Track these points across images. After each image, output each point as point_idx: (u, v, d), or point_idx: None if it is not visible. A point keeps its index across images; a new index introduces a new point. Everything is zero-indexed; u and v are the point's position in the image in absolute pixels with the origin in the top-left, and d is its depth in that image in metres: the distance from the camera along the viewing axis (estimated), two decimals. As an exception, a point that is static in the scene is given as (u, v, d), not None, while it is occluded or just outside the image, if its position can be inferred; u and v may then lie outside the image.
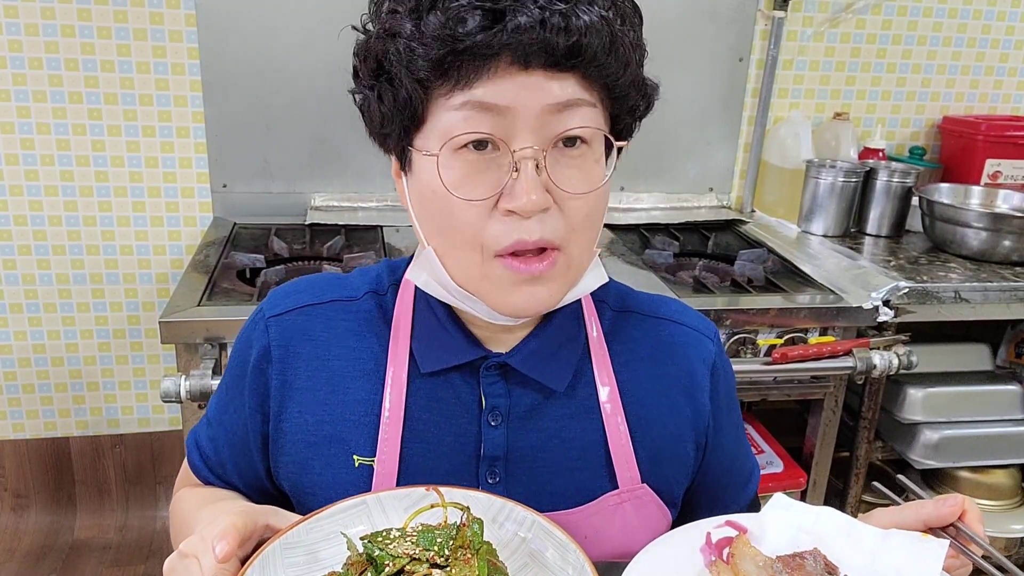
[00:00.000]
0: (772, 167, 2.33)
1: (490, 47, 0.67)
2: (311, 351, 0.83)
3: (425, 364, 0.82)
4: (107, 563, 2.20)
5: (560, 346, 0.84)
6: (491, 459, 0.82)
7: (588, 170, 0.74)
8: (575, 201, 0.73)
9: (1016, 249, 1.98)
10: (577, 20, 0.68)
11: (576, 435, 0.84)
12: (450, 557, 0.66)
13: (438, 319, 0.83)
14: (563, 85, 0.70)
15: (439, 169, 0.71)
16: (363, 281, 0.88)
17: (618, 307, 0.90)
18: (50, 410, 2.24)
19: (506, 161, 0.71)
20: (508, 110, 0.69)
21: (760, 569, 0.69)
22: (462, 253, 0.74)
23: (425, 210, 0.76)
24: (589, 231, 0.77)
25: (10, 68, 1.93)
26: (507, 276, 0.73)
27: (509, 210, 0.71)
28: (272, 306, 0.86)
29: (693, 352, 0.88)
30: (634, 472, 0.84)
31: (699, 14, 2.23)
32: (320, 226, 2.05)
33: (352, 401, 0.82)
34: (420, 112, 0.73)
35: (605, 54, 0.70)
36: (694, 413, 0.87)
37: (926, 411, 1.93)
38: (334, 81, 2.02)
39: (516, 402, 0.83)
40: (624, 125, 0.80)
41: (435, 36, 0.68)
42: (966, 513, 0.73)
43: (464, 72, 0.69)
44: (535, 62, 0.69)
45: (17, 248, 2.07)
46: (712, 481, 0.92)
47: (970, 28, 2.41)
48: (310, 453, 0.83)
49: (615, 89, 0.75)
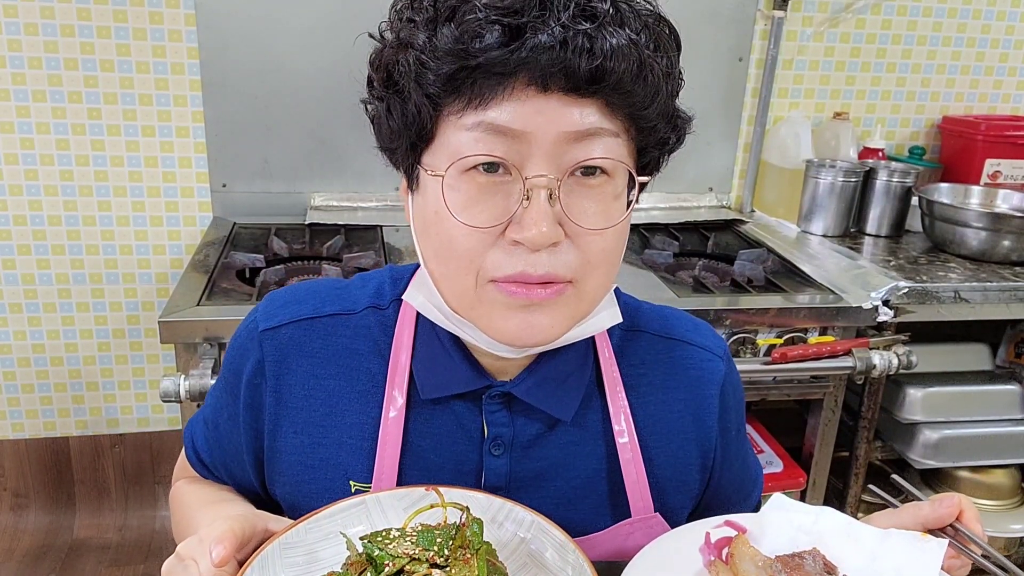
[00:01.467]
0: (772, 167, 2.33)
1: (506, 65, 0.63)
2: (307, 368, 0.80)
3: (426, 391, 0.78)
4: (106, 563, 2.20)
5: (568, 375, 0.80)
6: (492, 488, 0.79)
7: (606, 204, 0.69)
8: (590, 236, 0.68)
9: (1015, 249, 1.98)
10: (603, 43, 0.63)
11: (581, 463, 0.81)
12: (450, 557, 0.66)
13: (441, 343, 0.78)
14: (584, 112, 0.65)
15: (443, 190, 0.67)
16: (364, 293, 0.83)
17: (627, 325, 0.85)
18: (49, 410, 2.24)
19: (517, 188, 0.66)
20: (523, 135, 0.65)
21: (759, 569, 0.69)
22: (457, 278, 0.70)
23: (426, 231, 0.72)
24: (606, 267, 0.71)
25: (9, 68, 1.93)
26: (501, 300, 0.69)
27: (516, 240, 0.66)
28: (267, 317, 0.82)
29: (704, 375, 0.85)
30: (647, 501, 0.81)
31: (699, 14, 2.23)
32: (320, 226, 2.04)
33: (348, 424, 0.79)
34: (429, 129, 0.69)
35: (631, 81, 0.65)
36: (701, 437, 0.85)
37: (926, 411, 1.93)
38: (334, 81, 2.03)
39: (520, 432, 0.80)
40: (650, 159, 0.74)
41: (448, 50, 0.64)
42: (963, 513, 0.73)
43: (477, 90, 0.65)
44: (554, 85, 0.64)
45: (17, 248, 2.07)
46: (719, 497, 0.91)
47: (970, 28, 2.41)
48: (306, 476, 0.80)
49: (641, 120, 0.69)
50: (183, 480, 0.93)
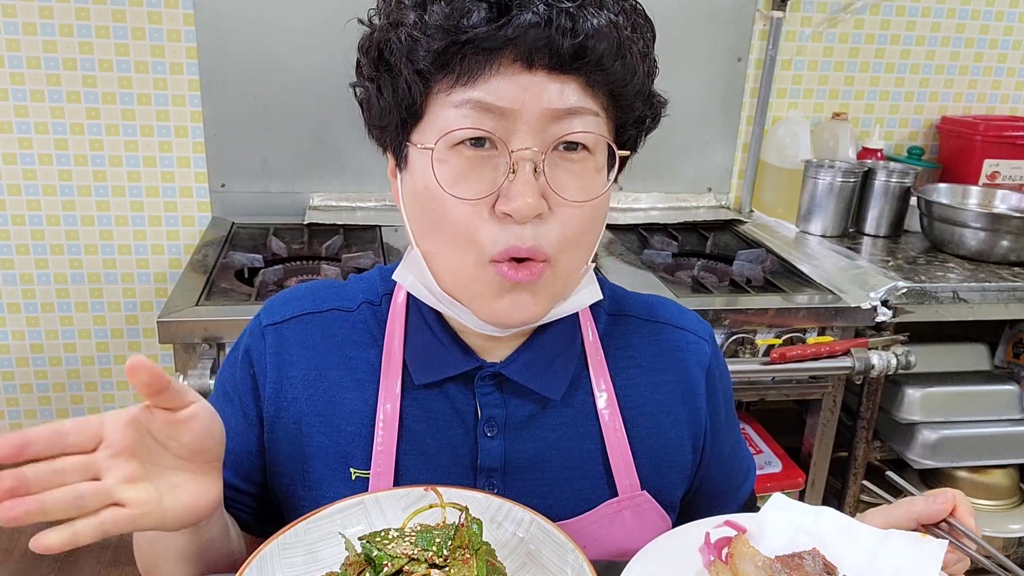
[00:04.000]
0: (770, 167, 2.33)
1: (493, 41, 0.66)
2: (308, 360, 0.82)
3: (419, 376, 0.81)
4: (105, 563, 2.20)
5: (556, 354, 0.82)
6: (488, 470, 0.81)
7: (588, 178, 0.73)
8: (571, 209, 0.72)
9: (1014, 249, 1.98)
10: (584, 23, 0.67)
11: (574, 444, 0.83)
12: (448, 557, 0.66)
13: (431, 329, 0.81)
14: (565, 90, 0.69)
15: (433, 164, 0.70)
16: (359, 290, 0.87)
17: (613, 311, 0.88)
18: (48, 410, 2.24)
19: (503, 161, 0.69)
20: (509, 111, 0.68)
21: (759, 569, 0.69)
22: (455, 254, 0.72)
23: (418, 208, 0.75)
24: (582, 245, 0.75)
25: (8, 67, 1.93)
26: (497, 282, 0.72)
27: (505, 213, 0.69)
28: (270, 314, 0.85)
29: (690, 356, 0.87)
30: (634, 479, 0.83)
31: (698, 14, 2.23)
32: (318, 226, 2.04)
33: (347, 412, 0.81)
34: (419, 106, 0.72)
35: (611, 59, 0.69)
36: (691, 418, 0.87)
37: (924, 411, 1.93)
38: (333, 81, 2.03)
39: (512, 412, 0.82)
40: (628, 137, 0.78)
41: (438, 26, 0.67)
42: (956, 508, 0.73)
43: (466, 67, 0.68)
44: (539, 62, 0.68)
45: (15, 248, 2.07)
46: (711, 482, 0.92)
47: (968, 28, 2.41)
48: (306, 465, 0.81)
49: (620, 97, 0.73)
50: None
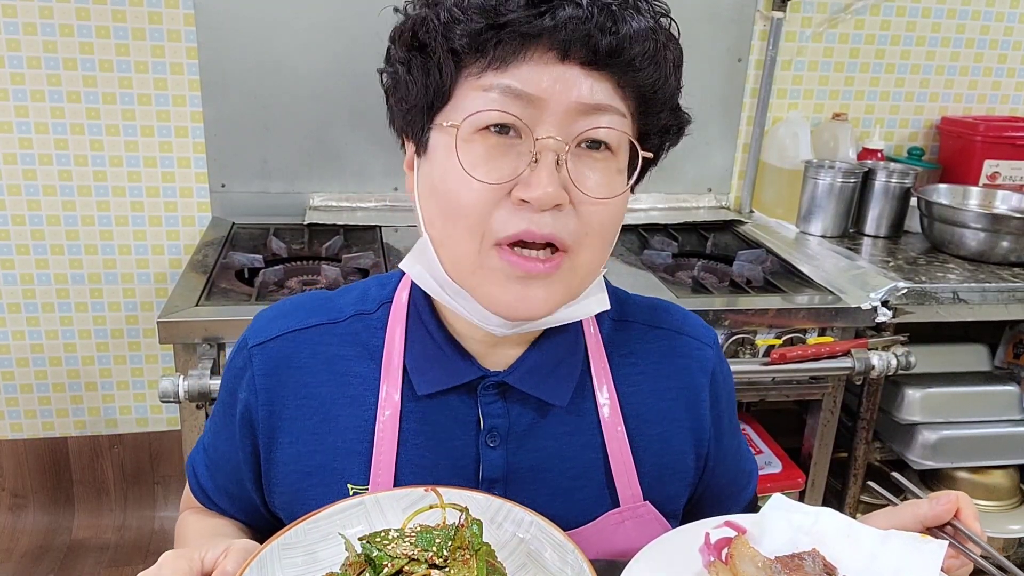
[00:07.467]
0: (771, 167, 2.33)
1: (531, 27, 0.66)
2: (298, 379, 0.81)
3: (422, 386, 0.79)
4: (105, 563, 2.20)
5: (560, 361, 0.81)
6: (490, 481, 0.80)
7: (610, 177, 0.72)
8: (591, 206, 0.71)
9: (1014, 250, 1.98)
10: (624, 24, 0.68)
11: (576, 452, 0.82)
12: (448, 558, 0.66)
13: (433, 339, 0.80)
14: (596, 87, 0.69)
15: (457, 144, 0.69)
16: (347, 301, 0.84)
17: (617, 316, 0.87)
18: (48, 410, 2.24)
19: (526, 149, 0.68)
20: (537, 100, 0.68)
21: (759, 570, 0.69)
22: (463, 236, 0.71)
23: (433, 193, 0.73)
24: (601, 242, 0.74)
25: (8, 68, 1.93)
26: (502, 269, 0.70)
27: (522, 199, 0.68)
28: (256, 334, 0.83)
29: (694, 363, 0.86)
30: (636, 490, 0.82)
31: (698, 15, 2.23)
32: (319, 226, 2.04)
33: (343, 428, 0.80)
34: (448, 87, 0.71)
35: (646, 63, 0.69)
36: (695, 425, 0.86)
37: (924, 412, 1.93)
38: (333, 81, 2.02)
39: (515, 421, 0.80)
40: (651, 145, 0.77)
41: (478, 7, 0.67)
42: (961, 511, 0.73)
43: (500, 51, 0.67)
44: (573, 55, 0.67)
45: (15, 248, 2.07)
46: (714, 487, 0.91)
47: (968, 29, 2.42)
48: (304, 484, 0.81)
49: (649, 103, 0.73)
50: (188, 511, 0.94)
